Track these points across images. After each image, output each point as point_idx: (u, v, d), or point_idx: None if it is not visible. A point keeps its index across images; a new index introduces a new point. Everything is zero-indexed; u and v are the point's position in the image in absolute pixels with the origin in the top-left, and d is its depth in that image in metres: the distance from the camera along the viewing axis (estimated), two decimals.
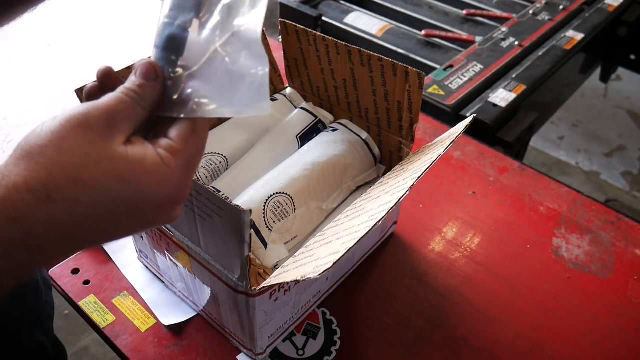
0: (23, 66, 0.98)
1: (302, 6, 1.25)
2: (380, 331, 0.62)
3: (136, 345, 0.59)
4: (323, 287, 0.62)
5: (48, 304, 0.56)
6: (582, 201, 0.79)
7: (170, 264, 0.59)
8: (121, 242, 0.69)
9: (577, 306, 0.66)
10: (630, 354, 0.61)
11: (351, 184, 0.65)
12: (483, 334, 0.62)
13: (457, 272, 0.69)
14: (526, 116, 1.03)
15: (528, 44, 1.17)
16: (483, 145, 0.89)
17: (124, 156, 0.29)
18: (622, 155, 2.06)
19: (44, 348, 0.54)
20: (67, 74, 0.94)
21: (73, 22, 1.11)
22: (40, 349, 0.53)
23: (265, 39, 0.69)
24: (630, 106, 2.25)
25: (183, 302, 0.63)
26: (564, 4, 1.32)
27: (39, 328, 0.53)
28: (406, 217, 0.75)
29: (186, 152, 0.31)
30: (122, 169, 0.29)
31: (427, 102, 0.99)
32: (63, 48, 1.02)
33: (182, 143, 0.31)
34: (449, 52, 1.18)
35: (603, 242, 0.74)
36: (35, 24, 1.07)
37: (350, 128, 0.67)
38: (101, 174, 0.28)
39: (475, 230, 0.75)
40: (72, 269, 0.66)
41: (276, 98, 0.72)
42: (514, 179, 0.83)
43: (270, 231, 0.56)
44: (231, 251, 0.47)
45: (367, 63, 0.61)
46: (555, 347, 0.61)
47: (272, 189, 0.58)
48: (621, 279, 0.69)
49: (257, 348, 0.56)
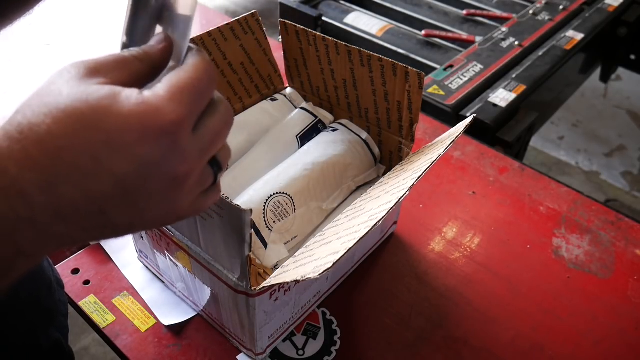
0: (23, 66, 0.98)
1: (302, 6, 1.25)
2: (380, 331, 0.62)
3: (136, 345, 0.59)
4: (323, 287, 0.62)
5: (62, 302, 0.56)
6: (582, 201, 0.79)
7: (170, 264, 0.59)
8: (121, 242, 0.69)
9: (577, 306, 0.66)
10: (630, 354, 0.61)
11: (351, 184, 0.65)
12: (483, 334, 0.62)
13: (457, 272, 0.69)
14: (526, 116, 1.03)
15: (528, 44, 1.17)
16: (483, 145, 0.89)
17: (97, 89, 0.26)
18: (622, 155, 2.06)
19: (60, 345, 0.54)
20: None
21: (73, 22, 1.11)
22: (57, 347, 0.53)
23: (266, 39, 0.69)
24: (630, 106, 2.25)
25: (183, 302, 0.63)
26: (564, 4, 1.32)
27: (54, 326, 0.54)
28: (406, 217, 0.75)
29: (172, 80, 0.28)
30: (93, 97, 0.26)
31: (427, 102, 0.99)
32: (63, 48, 1.02)
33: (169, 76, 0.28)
34: (449, 52, 1.18)
35: (603, 242, 0.74)
36: (35, 24, 1.07)
37: (350, 128, 0.67)
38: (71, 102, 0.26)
39: (475, 230, 0.75)
40: (72, 269, 0.66)
41: (276, 98, 0.72)
42: (514, 179, 0.83)
43: (270, 231, 0.56)
44: (231, 251, 0.47)
45: (367, 63, 0.61)
46: (555, 347, 0.61)
47: (272, 189, 0.58)
48: (621, 279, 0.69)
49: (257, 348, 0.56)
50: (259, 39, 0.68)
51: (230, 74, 0.67)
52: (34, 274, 0.50)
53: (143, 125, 0.26)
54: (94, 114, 0.26)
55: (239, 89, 0.69)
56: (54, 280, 0.54)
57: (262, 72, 0.71)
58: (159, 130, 0.27)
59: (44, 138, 0.25)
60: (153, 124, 0.26)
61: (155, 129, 0.26)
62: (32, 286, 0.50)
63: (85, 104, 0.26)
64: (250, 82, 0.70)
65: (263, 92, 0.72)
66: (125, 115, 0.26)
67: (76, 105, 0.26)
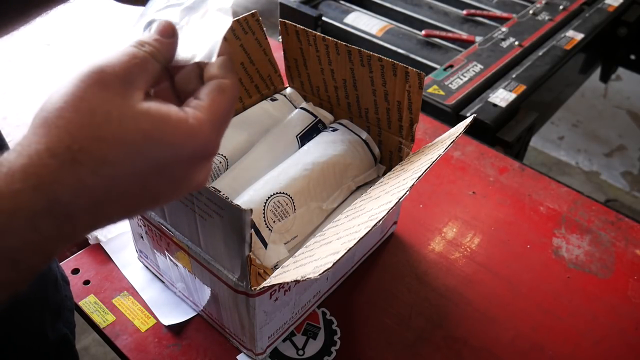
0: (23, 66, 0.98)
1: (302, 6, 1.25)
2: (380, 331, 0.62)
3: (136, 345, 0.59)
4: (323, 287, 0.62)
5: (67, 298, 0.57)
6: (582, 201, 0.79)
7: (170, 264, 0.59)
8: (121, 242, 0.69)
9: (577, 306, 0.66)
10: (630, 354, 0.61)
11: (351, 184, 0.65)
12: (483, 334, 0.62)
13: (457, 272, 0.69)
14: (526, 116, 1.03)
15: (528, 44, 1.17)
16: (483, 145, 0.89)
17: (147, 112, 0.28)
18: (622, 155, 2.06)
19: (67, 340, 0.55)
20: (67, 74, 0.94)
21: (73, 22, 1.11)
22: (64, 340, 0.54)
23: (266, 39, 0.69)
24: (630, 106, 2.25)
25: (183, 302, 0.63)
26: (564, 4, 1.32)
27: (61, 321, 0.55)
28: (406, 217, 0.75)
29: (213, 108, 0.30)
30: (146, 125, 0.27)
31: (427, 102, 0.99)
32: (63, 48, 1.02)
33: (208, 100, 0.30)
34: (449, 52, 1.18)
35: (603, 242, 0.74)
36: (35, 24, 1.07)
37: (350, 128, 0.67)
38: (125, 131, 0.27)
39: (475, 230, 0.75)
40: (72, 269, 0.66)
41: (276, 98, 0.72)
42: (514, 179, 0.83)
43: (270, 231, 0.56)
44: (231, 251, 0.47)
45: (367, 63, 0.61)
46: (555, 347, 0.61)
47: (272, 189, 0.58)
48: (621, 279, 0.69)
49: (257, 348, 0.56)
50: (259, 39, 0.68)
51: None
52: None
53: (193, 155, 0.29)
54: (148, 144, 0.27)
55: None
56: (59, 276, 0.55)
57: (262, 72, 0.71)
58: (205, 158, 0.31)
59: (99, 168, 0.26)
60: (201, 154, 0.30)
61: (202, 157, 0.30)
62: (40, 282, 0.51)
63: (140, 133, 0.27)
64: (251, 82, 0.70)
65: (263, 92, 0.72)
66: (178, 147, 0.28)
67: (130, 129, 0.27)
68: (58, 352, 0.54)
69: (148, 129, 0.27)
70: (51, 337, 0.52)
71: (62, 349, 0.54)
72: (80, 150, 0.26)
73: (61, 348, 0.54)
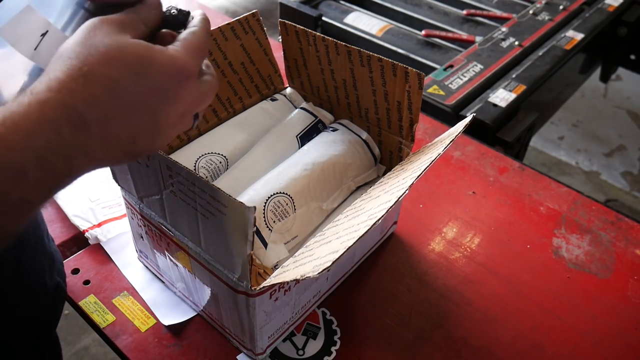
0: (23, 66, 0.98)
1: (302, 6, 1.25)
2: (380, 331, 0.62)
3: (136, 345, 0.59)
4: (323, 287, 0.62)
5: (56, 251, 0.60)
6: (582, 201, 0.79)
7: (170, 264, 0.59)
8: (121, 242, 0.69)
9: (577, 306, 0.66)
10: (630, 354, 0.61)
11: (351, 184, 0.65)
12: (483, 334, 0.62)
13: (457, 272, 0.69)
14: (526, 116, 1.03)
15: (528, 44, 1.17)
16: (483, 145, 0.89)
17: (139, 43, 0.35)
18: (622, 155, 2.06)
19: (60, 288, 0.58)
20: None
21: None
22: (58, 289, 0.58)
23: (266, 39, 0.69)
24: (630, 106, 2.25)
25: (183, 302, 0.63)
26: (564, 4, 1.32)
27: (55, 270, 0.58)
28: (406, 217, 0.75)
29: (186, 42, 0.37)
30: (140, 51, 0.34)
31: (427, 102, 0.99)
32: None
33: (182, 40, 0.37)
34: (449, 52, 1.18)
35: (603, 242, 0.74)
36: None
37: (350, 128, 0.67)
38: (124, 56, 0.33)
39: (475, 230, 0.75)
40: (72, 269, 0.66)
41: (276, 98, 0.72)
42: (514, 179, 0.83)
43: (270, 231, 0.56)
44: (232, 250, 0.47)
45: (367, 63, 0.61)
46: (555, 347, 0.61)
47: (272, 189, 0.58)
48: (621, 279, 0.69)
49: (257, 348, 0.56)
50: (259, 39, 0.68)
51: (231, 73, 0.67)
52: (34, 222, 0.54)
53: (176, 74, 0.35)
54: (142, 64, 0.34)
55: (239, 88, 0.69)
56: (46, 231, 0.58)
57: (262, 72, 0.71)
58: (186, 78, 0.36)
59: (107, 82, 0.32)
60: (182, 74, 0.36)
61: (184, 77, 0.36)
62: (36, 231, 0.55)
63: (133, 55, 0.34)
64: (251, 82, 0.70)
65: (263, 92, 0.72)
66: (164, 66, 0.35)
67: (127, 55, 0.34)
68: (53, 301, 0.57)
69: (141, 54, 0.34)
70: (49, 284, 0.56)
71: (56, 295, 0.57)
72: (90, 71, 0.32)
73: (56, 297, 0.57)
